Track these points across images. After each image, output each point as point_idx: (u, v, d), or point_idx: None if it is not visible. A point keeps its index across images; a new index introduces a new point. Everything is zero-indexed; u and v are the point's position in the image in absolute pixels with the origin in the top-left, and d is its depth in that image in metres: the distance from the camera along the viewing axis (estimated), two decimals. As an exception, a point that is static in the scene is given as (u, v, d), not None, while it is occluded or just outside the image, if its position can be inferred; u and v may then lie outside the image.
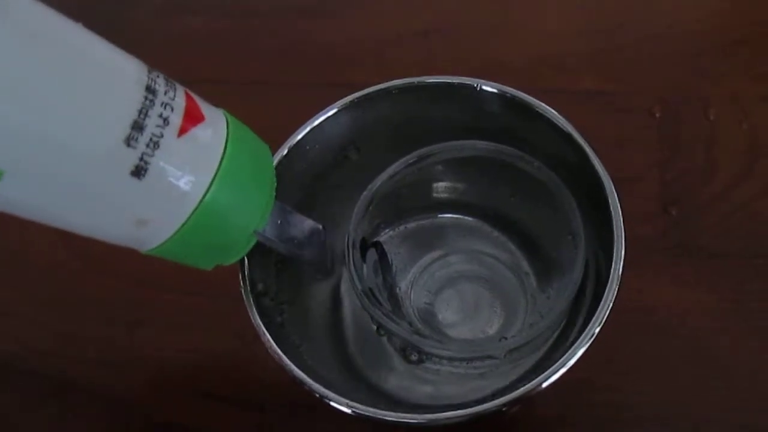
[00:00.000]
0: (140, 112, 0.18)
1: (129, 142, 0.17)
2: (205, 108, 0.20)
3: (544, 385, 0.22)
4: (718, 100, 0.38)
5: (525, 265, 0.30)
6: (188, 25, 0.45)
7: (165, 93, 0.19)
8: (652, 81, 0.39)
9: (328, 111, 0.27)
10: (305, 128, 0.27)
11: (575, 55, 0.41)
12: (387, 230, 0.30)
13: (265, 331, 0.23)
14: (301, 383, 0.22)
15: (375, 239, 0.29)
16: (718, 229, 0.34)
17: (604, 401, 0.31)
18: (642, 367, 0.31)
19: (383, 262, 0.28)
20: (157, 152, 0.18)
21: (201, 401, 0.33)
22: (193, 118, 0.19)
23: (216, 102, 0.21)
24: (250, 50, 0.44)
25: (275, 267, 0.27)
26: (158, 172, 0.18)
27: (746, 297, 0.33)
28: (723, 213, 0.35)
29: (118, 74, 0.18)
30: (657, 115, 0.38)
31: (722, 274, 0.33)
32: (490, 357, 0.25)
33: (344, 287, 0.30)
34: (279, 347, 0.23)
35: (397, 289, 0.29)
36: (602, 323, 0.22)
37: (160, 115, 0.18)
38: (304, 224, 0.24)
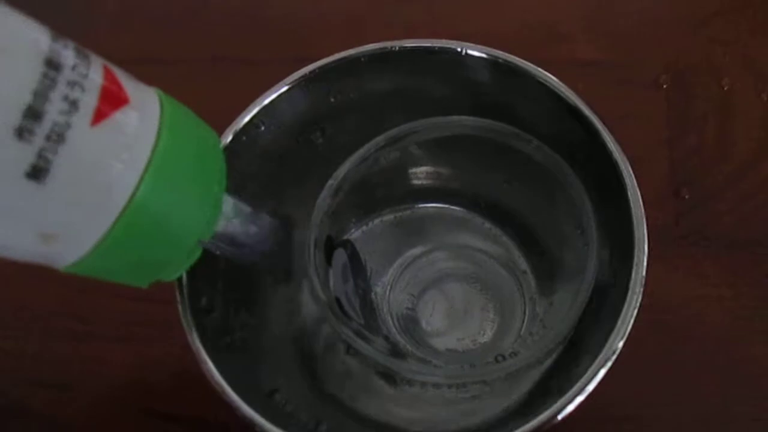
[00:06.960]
0: (36, 93, 0.15)
1: (21, 134, 0.14)
2: (131, 87, 0.17)
3: (560, 417, 0.19)
4: (731, 67, 0.36)
5: (522, 263, 0.29)
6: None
7: (73, 68, 0.16)
8: (657, 48, 0.37)
9: (279, 88, 0.25)
10: (253, 109, 0.24)
11: (569, 21, 0.39)
12: (359, 226, 0.29)
13: (207, 359, 0.20)
14: (251, 424, 0.19)
15: (344, 237, 0.27)
16: (737, 214, 0.33)
17: (609, 416, 0.29)
18: (653, 375, 0.29)
19: (354, 264, 0.26)
20: (61, 147, 0.15)
21: (155, 423, 0.31)
22: (113, 100, 0.16)
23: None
24: (208, 23, 0.42)
25: (223, 274, 0.24)
26: (65, 173, 0.15)
27: (771, 291, 0.31)
28: (742, 195, 0.33)
29: (2, 42, 0.15)
30: (664, 86, 0.36)
31: (743, 266, 0.31)
32: (483, 382, 0.21)
33: (305, 294, 0.28)
34: (224, 378, 0.20)
35: (372, 294, 0.28)
36: (625, 336, 0.20)
37: (66, 98, 0.15)
38: (263, 224, 0.21)
